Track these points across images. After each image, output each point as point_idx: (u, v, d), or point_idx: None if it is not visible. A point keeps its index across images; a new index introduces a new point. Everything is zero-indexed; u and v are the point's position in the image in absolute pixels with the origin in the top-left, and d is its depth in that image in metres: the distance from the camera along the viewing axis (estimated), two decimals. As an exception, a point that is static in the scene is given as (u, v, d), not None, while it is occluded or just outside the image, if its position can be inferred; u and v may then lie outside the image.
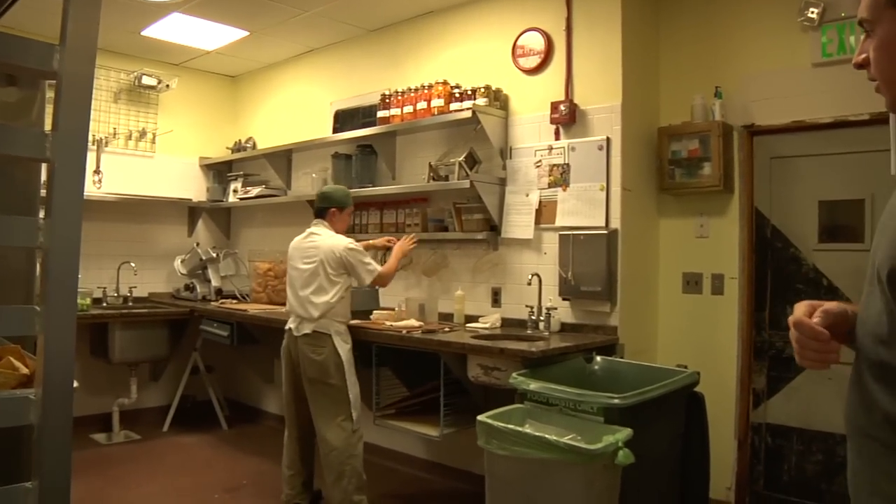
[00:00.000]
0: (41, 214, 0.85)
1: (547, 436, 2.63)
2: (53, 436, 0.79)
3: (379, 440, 4.83)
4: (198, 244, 6.12)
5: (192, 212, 6.40)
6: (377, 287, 4.27)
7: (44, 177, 0.87)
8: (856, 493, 1.20)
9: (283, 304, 5.49)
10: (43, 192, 0.88)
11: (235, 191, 6.11)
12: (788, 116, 3.66)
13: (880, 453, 1.14)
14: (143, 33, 5.38)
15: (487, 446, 2.82)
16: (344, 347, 3.85)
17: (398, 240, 4.28)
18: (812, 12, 3.52)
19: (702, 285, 4.00)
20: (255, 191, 5.88)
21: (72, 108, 0.85)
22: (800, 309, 1.25)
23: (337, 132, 5.43)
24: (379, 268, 3.98)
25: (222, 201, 6.30)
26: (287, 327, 4.00)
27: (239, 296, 5.84)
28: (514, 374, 3.16)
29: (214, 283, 5.96)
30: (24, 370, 1.03)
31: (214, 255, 6.03)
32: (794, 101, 3.65)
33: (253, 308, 5.26)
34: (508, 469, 2.80)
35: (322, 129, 5.63)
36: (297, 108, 5.99)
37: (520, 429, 2.76)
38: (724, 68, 3.92)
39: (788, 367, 3.76)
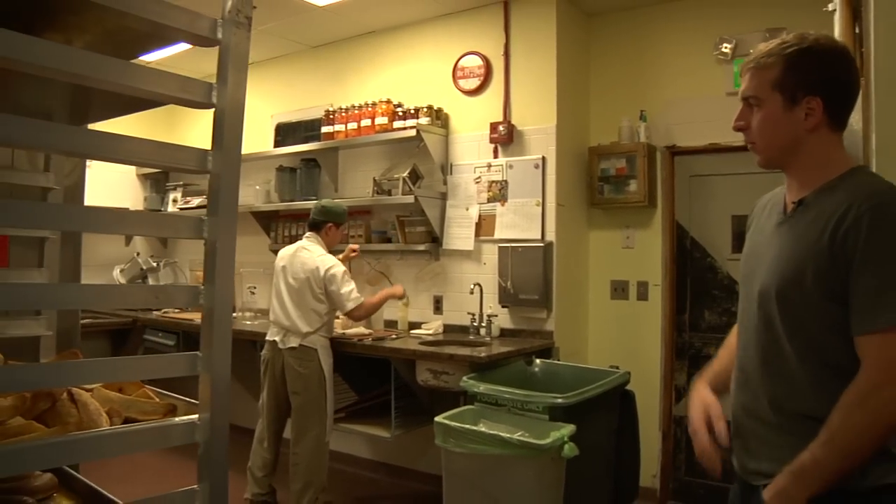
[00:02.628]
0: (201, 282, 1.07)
1: (501, 433, 2.91)
2: (218, 450, 1.02)
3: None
4: (138, 254, 6.14)
5: (129, 221, 6.37)
6: (355, 317, 4.10)
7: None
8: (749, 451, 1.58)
9: (227, 312, 5.65)
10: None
11: (175, 200, 6.16)
12: (705, 139, 4.06)
13: (765, 430, 1.53)
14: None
15: (445, 445, 3.07)
16: (327, 362, 3.97)
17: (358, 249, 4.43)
18: (726, 47, 3.94)
19: (628, 292, 4.37)
20: (196, 201, 5.95)
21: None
22: (696, 411, 1.68)
23: (279, 145, 5.54)
24: (362, 299, 4.01)
25: (160, 211, 6.32)
26: (270, 339, 4.05)
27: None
28: (464, 378, 3.42)
29: (155, 292, 5.99)
30: (157, 400, 1.23)
31: (154, 264, 6.07)
32: (710, 125, 4.04)
33: (197, 317, 5.33)
34: (465, 465, 3.06)
35: (263, 141, 5.73)
36: (237, 120, 6.07)
37: (475, 428, 3.03)
38: (649, 93, 4.30)
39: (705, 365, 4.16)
